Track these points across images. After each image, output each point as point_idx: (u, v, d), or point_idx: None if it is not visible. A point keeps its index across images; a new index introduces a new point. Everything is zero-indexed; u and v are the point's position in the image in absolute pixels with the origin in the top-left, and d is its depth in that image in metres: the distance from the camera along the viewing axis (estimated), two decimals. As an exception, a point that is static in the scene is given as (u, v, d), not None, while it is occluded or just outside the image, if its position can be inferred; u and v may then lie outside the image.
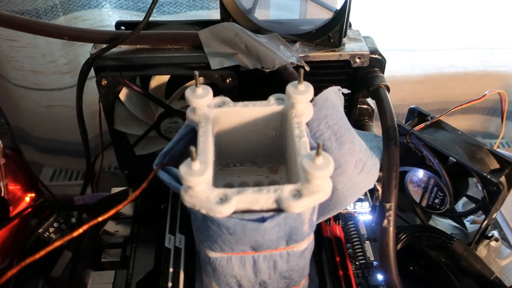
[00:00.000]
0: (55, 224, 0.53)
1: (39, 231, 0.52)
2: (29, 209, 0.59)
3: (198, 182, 0.32)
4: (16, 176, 0.59)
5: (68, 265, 0.56)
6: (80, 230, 0.32)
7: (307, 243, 0.38)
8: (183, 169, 0.32)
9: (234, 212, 0.33)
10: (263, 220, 0.32)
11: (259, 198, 0.33)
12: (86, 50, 0.76)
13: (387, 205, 0.40)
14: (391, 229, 0.40)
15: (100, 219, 0.32)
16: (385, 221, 0.40)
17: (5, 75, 0.81)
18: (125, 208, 0.51)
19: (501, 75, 0.99)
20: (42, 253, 0.31)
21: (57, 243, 0.32)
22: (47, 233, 0.53)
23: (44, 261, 0.53)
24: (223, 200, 0.32)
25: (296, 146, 0.36)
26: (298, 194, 0.32)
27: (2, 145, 0.54)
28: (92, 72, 0.50)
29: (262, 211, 0.33)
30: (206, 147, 0.36)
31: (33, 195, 0.61)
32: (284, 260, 0.38)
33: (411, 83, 0.97)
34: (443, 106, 1.02)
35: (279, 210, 0.33)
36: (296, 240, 0.36)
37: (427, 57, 0.95)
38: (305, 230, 0.36)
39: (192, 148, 0.31)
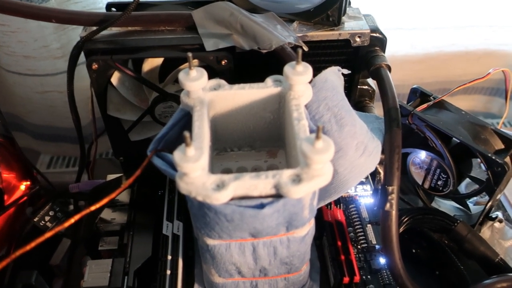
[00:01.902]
0: (51, 213, 0.52)
1: (35, 219, 0.51)
2: (25, 198, 0.58)
3: (194, 169, 0.30)
4: (10, 164, 0.58)
5: (67, 252, 0.55)
6: (72, 220, 0.31)
7: (307, 229, 0.37)
8: (177, 155, 0.30)
9: (232, 199, 0.32)
10: (261, 206, 0.31)
11: (257, 184, 0.31)
12: (79, 33, 0.74)
13: (390, 188, 0.39)
14: (394, 212, 0.39)
15: (93, 208, 0.31)
16: (388, 205, 0.39)
17: (-4, 61, 0.80)
18: (121, 195, 0.50)
19: (503, 54, 0.97)
20: (33, 244, 0.30)
21: (49, 234, 0.31)
22: (42, 222, 0.52)
23: (42, 249, 0.53)
24: (220, 186, 0.31)
25: (295, 130, 0.35)
26: (297, 179, 0.31)
27: (-5, 133, 0.53)
28: (83, 57, 0.48)
29: (260, 197, 0.32)
30: (202, 132, 0.35)
31: (28, 183, 0.60)
32: (284, 246, 0.37)
33: (411, 63, 0.95)
34: (444, 86, 1.01)
35: (278, 195, 0.32)
36: (296, 226, 0.35)
37: (427, 36, 0.93)
38: (306, 215, 0.35)
39: (186, 134, 0.30)
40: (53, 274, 0.54)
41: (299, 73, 0.36)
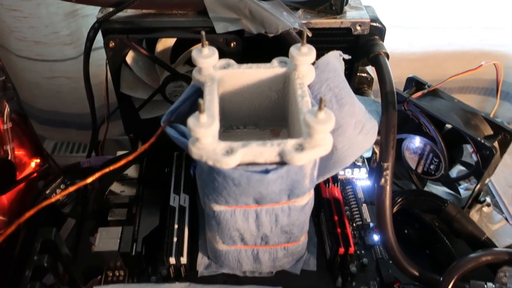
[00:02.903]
0: (62, 186, 0.55)
1: (46, 192, 0.54)
2: (35, 174, 0.60)
3: (206, 134, 0.33)
4: (22, 141, 0.60)
5: (72, 231, 0.57)
6: (81, 184, 0.34)
7: (307, 199, 0.40)
8: (191, 121, 0.33)
9: (239, 165, 0.34)
10: (267, 172, 0.34)
11: (263, 151, 0.34)
12: (88, 21, 0.76)
13: (385, 165, 0.42)
14: (388, 187, 0.42)
15: (89, 180, 0.34)
16: (382, 180, 0.41)
17: (7, 46, 0.82)
18: (130, 170, 0.52)
19: (499, 55, 1.00)
20: (40, 206, 0.33)
21: (55, 198, 0.34)
22: (54, 195, 0.54)
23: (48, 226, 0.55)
24: (229, 152, 0.34)
25: (299, 105, 0.38)
26: (300, 148, 0.34)
27: (9, 109, 0.55)
28: (95, 44, 0.51)
29: (266, 163, 0.35)
30: (212, 104, 0.37)
31: (38, 160, 0.62)
32: (285, 214, 0.39)
33: (409, 61, 0.98)
34: (441, 85, 1.03)
35: (282, 163, 0.35)
36: (297, 195, 0.38)
37: (425, 35, 0.96)
38: (306, 184, 0.37)
39: (201, 101, 0.32)
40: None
41: (304, 54, 0.39)
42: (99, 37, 0.50)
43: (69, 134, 0.95)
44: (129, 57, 0.47)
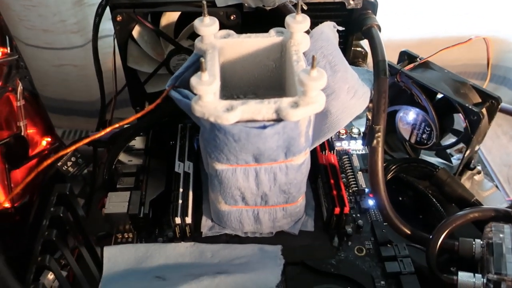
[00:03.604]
0: (73, 158, 0.57)
1: (58, 164, 0.56)
2: (46, 151, 0.63)
3: (207, 91, 0.36)
4: (34, 119, 0.62)
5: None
6: (86, 140, 0.37)
7: (303, 158, 0.42)
8: (194, 79, 0.36)
9: (239, 122, 0.37)
10: (264, 127, 0.37)
11: (261, 109, 0.37)
12: (94, 10, 0.79)
13: (376, 127, 0.44)
14: (380, 148, 0.44)
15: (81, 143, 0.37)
16: (375, 142, 0.44)
17: (17, 35, 0.85)
18: (137, 142, 0.55)
19: (494, 40, 1.01)
20: (49, 161, 0.36)
21: (64, 151, 0.36)
22: (65, 167, 0.57)
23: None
24: (229, 109, 0.36)
25: (294, 69, 0.40)
26: (295, 105, 0.36)
27: (22, 87, 0.58)
28: (101, 32, 0.53)
29: (264, 120, 0.37)
30: (214, 67, 0.40)
31: (49, 139, 0.65)
32: (283, 173, 0.42)
33: (406, 47, 1.00)
34: (432, 58, 1.05)
35: (279, 120, 0.37)
36: (294, 153, 0.40)
37: (422, 21, 0.98)
38: (302, 142, 0.40)
39: (202, 59, 0.35)
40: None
41: (299, 22, 0.42)
42: (105, 26, 0.52)
43: (76, 121, 0.98)
44: (135, 32, 0.50)
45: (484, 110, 0.49)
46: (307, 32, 0.44)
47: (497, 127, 0.95)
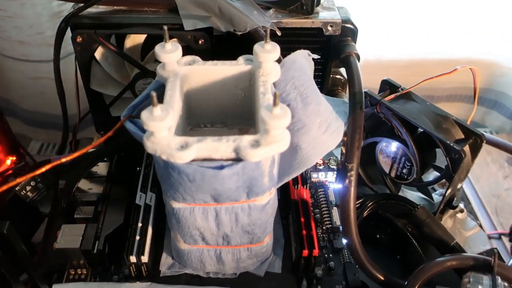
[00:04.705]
0: (32, 183, 0.54)
1: (16, 189, 0.53)
2: (10, 171, 0.60)
3: (159, 128, 0.33)
4: (-3, 137, 0.60)
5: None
6: (40, 170, 0.33)
7: (268, 198, 0.39)
8: (144, 114, 0.33)
9: (195, 160, 0.34)
10: (221, 167, 0.34)
11: (219, 147, 0.34)
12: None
13: (349, 166, 0.41)
14: (352, 188, 0.41)
15: (63, 160, 0.34)
16: (347, 181, 0.41)
17: (-7, 45, 0.82)
18: (100, 168, 0.52)
19: (486, 63, 1.00)
20: None
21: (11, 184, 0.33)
22: (24, 191, 0.53)
23: (24, 227, 0.54)
24: (184, 147, 0.33)
25: (260, 102, 0.37)
26: (256, 144, 0.33)
27: (-17, 105, 0.55)
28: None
29: (221, 159, 0.34)
30: (172, 100, 0.37)
31: (14, 158, 0.62)
32: (245, 213, 0.39)
33: (397, 68, 0.98)
34: (428, 93, 1.03)
35: (238, 159, 0.34)
36: (257, 193, 0.37)
37: (413, 42, 0.96)
38: (265, 182, 0.37)
39: (153, 93, 0.32)
40: (34, 251, 0.55)
41: (268, 51, 0.39)
42: None
43: (54, 135, 0.95)
44: (99, 53, 0.47)
45: (466, 148, 0.46)
46: (279, 60, 0.41)
47: (487, 154, 0.92)
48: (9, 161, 0.62)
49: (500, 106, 1.01)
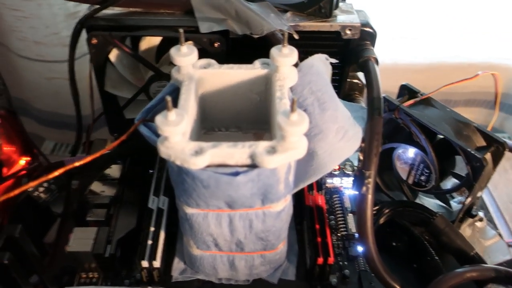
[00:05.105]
0: (45, 184, 0.54)
1: (29, 190, 0.53)
2: (23, 172, 0.60)
3: (173, 132, 0.32)
4: (11, 138, 0.60)
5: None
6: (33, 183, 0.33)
7: (283, 205, 0.38)
8: (159, 119, 0.32)
9: (209, 166, 0.33)
10: (236, 174, 0.33)
11: (234, 153, 0.33)
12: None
13: (367, 173, 0.40)
14: (370, 196, 0.40)
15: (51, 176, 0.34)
16: (364, 188, 0.40)
17: (8, 45, 0.82)
18: (113, 170, 0.52)
19: (505, 68, 0.98)
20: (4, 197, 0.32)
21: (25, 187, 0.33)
22: (36, 193, 0.53)
23: (36, 228, 0.54)
24: (198, 152, 0.32)
25: (276, 107, 0.36)
26: (272, 150, 0.33)
27: (-3, 105, 0.55)
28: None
29: (236, 166, 0.33)
30: (187, 104, 0.36)
31: (28, 159, 0.62)
32: (260, 220, 0.38)
33: (414, 72, 0.96)
34: (445, 97, 1.02)
35: (253, 166, 0.33)
36: (272, 200, 0.37)
37: (430, 46, 0.94)
38: (281, 189, 0.36)
39: (167, 98, 0.31)
40: (45, 252, 0.55)
41: (285, 55, 0.38)
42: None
43: (67, 135, 0.95)
44: (113, 55, 0.46)
45: (488, 156, 0.45)
46: (296, 64, 0.40)
47: (505, 160, 0.90)
48: (23, 161, 0.62)
49: (520, 112, 0.99)
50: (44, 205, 0.55)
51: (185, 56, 0.38)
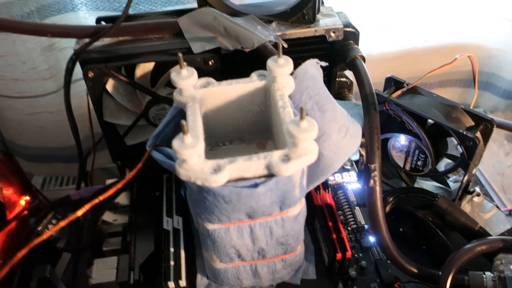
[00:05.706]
0: (54, 221, 0.54)
1: (38, 229, 0.53)
2: (26, 212, 0.60)
3: (192, 155, 0.33)
4: (9, 180, 0.59)
5: (68, 265, 0.57)
6: (62, 224, 0.34)
7: (299, 208, 0.40)
8: (176, 143, 0.33)
9: (228, 182, 0.34)
10: (256, 185, 0.34)
11: (251, 165, 0.34)
12: (66, 54, 0.76)
13: (372, 166, 0.42)
14: (378, 188, 0.42)
15: (79, 213, 0.34)
16: (371, 181, 0.42)
17: (-14, 86, 0.81)
18: (121, 198, 0.52)
19: (474, 46, 1.02)
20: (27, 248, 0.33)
21: (46, 234, 0.33)
22: (46, 230, 0.53)
23: (44, 263, 0.54)
24: (217, 170, 0.34)
25: (281, 116, 0.38)
26: (286, 158, 0.34)
27: (-7, 149, 0.55)
28: (75, 76, 0.51)
29: (254, 177, 0.35)
30: (196, 124, 0.38)
31: (28, 198, 0.62)
32: (279, 225, 0.39)
33: (388, 60, 0.99)
34: (422, 81, 1.05)
35: (270, 175, 0.35)
36: (289, 205, 0.38)
37: (401, 34, 0.97)
38: (297, 194, 0.38)
39: (183, 122, 0.33)
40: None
41: (281, 65, 0.40)
42: (77, 69, 0.50)
43: (56, 168, 0.94)
44: (109, 85, 0.47)
45: (478, 134, 0.48)
46: (291, 73, 0.42)
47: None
48: (23, 201, 0.62)
49: (492, 87, 1.03)
50: (53, 241, 0.55)
51: (186, 79, 0.39)
